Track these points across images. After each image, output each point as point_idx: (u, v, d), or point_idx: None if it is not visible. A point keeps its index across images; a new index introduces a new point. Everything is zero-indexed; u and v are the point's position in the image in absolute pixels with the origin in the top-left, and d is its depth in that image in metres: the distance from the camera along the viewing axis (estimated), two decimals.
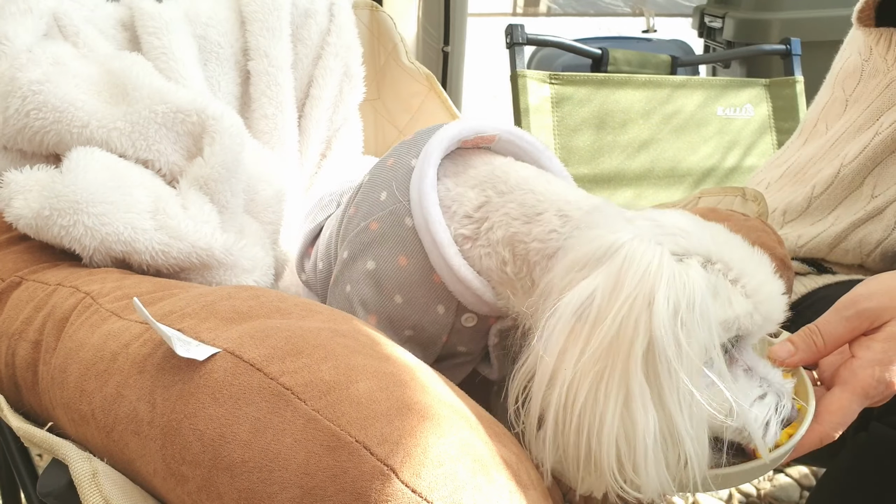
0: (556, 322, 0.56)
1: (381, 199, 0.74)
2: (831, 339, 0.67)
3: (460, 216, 0.70)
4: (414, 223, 0.71)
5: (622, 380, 0.53)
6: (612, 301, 0.54)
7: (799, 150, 1.21)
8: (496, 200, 0.70)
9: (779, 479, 1.56)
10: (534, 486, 0.54)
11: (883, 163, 1.04)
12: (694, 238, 0.58)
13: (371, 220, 0.73)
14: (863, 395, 0.63)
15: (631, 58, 1.79)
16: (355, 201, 0.77)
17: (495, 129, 0.75)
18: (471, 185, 0.72)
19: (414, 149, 0.75)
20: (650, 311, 0.53)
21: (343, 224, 0.78)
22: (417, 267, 0.71)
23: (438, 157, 0.72)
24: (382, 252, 0.72)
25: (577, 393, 0.54)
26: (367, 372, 0.53)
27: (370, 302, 0.72)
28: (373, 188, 0.75)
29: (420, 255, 0.71)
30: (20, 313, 0.73)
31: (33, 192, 0.76)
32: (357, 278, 0.73)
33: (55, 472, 0.60)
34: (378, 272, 0.72)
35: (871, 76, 1.09)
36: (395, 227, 0.72)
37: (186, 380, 0.55)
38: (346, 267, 0.74)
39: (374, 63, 1.38)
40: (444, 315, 0.72)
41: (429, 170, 0.71)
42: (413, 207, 0.71)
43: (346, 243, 0.75)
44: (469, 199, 0.71)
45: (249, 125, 1.08)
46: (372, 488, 0.47)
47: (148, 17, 0.97)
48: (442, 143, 0.72)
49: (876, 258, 1.06)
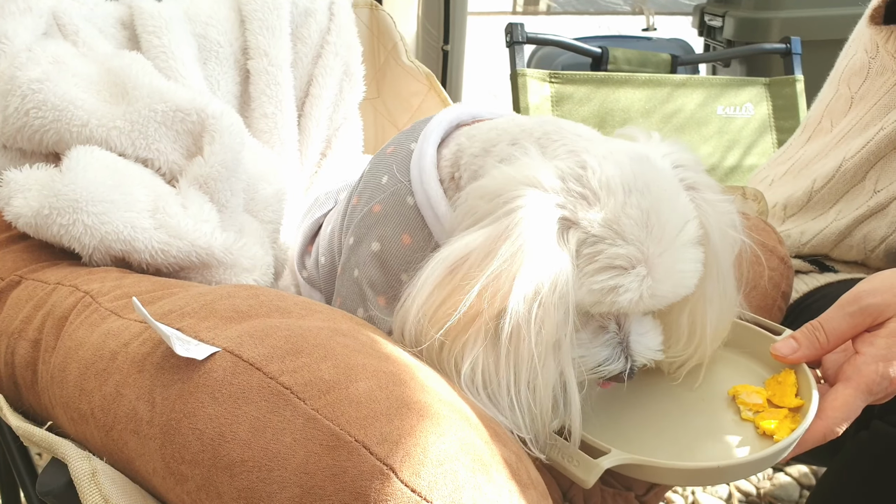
0: (432, 269, 0.60)
1: (381, 182, 0.75)
2: (834, 335, 0.67)
3: (447, 182, 0.71)
4: (416, 200, 0.71)
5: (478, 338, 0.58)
6: (482, 268, 0.57)
7: (803, 147, 1.21)
8: (465, 144, 0.71)
9: (779, 478, 1.56)
10: (534, 485, 0.54)
11: (886, 157, 1.04)
12: (597, 207, 0.59)
13: (374, 204, 0.74)
14: (866, 391, 0.63)
15: (631, 57, 1.79)
16: (357, 190, 0.78)
17: (492, 113, 0.76)
18: (448, 146, 0.73)
19: (412, 135, 0.76)
20: (510, 288, 0.56)
21: (347, 214, 0.78)
22: (421, 243, 0.72)
23: (437, 137, 0.73)
24: (386, 232, 0.73)
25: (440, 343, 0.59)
26: (367, 371, 0.53)
27: (378, 283, 0.73)
28: (374, 174, 0.76)
29: (423, 232, 0.71)
30: (19, 312, 0.73)
31: (33, 190, 0.76)
32: (364, 261, 0.74)
33: (54, 471, 0.60)
34: (383, 252, 0.73)
35: (878, 74, 1.09)
36: (398, 206, 0.72)
37: (186, 379, 0.55)
38: (352, 252, 0.75)
39: (373, 62, 1.38)
40: None
41: (428, 148, 0.72)
42: (414, 185, 0.72)
43: (352, 229, 0.76)
44: (445, 159, 0.72)
45: (249, 124, 1.08)
46: (371, 488, 0.47)
47: (147, 16, 0.96)
48: (441, 125, 0.73)
49: (880, 255, 1.06)
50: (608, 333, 0.64)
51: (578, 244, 0.59)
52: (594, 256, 0.59)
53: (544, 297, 0.57)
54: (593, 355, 0.63)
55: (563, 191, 0.60)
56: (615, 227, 0.59)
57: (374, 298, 0.73)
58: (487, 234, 0.59)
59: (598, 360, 0.63)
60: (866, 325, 0.66)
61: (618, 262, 0.59)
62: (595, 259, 0.59)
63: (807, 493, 1.52)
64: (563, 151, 0.63)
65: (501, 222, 0.58)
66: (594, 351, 0.63)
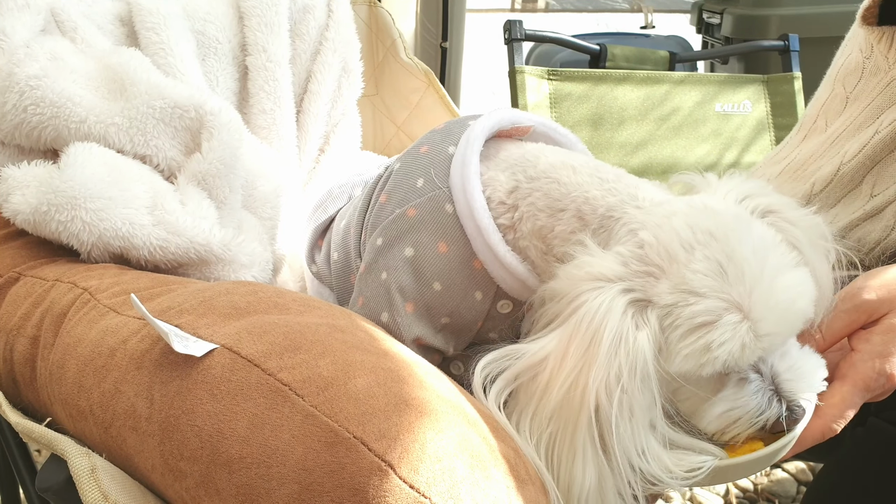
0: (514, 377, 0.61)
1: (417, 185, 0.73)
2: (830, 333, 0.67)
3: (495, 203, 0.71)
4: (455, 209, 0.71)
5: (571, 442, 0.58)
6: (560, 370, 0.58)
7: (798, 147, 1.21)
8: (525, 186, 0.70)
9: (776, 475, 1.57)
10: (532, 481, 0.54)
11: (882, 161, 1.04)
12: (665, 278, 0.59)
13: (408, 207, 0.73)
14: (864, 387, 0.64)
15: (629, 54, 1.78)
16: (386, 189, 0.76)
17: (531, 119, 0.77)
18: (502, 168, 0.72)
19: (450, 137, 0.75)
20: (586, 384, 0.57)
21: (372, 212, 0.77)
22: (458, 253, 0.71)
23: (480, 144, 0.73)
24: (422, 238, 0.72)
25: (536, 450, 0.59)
26: (366, 368, 0.53)
27: (408, 289, 0.72)
28: (407, 175, 0.75)
29: (461, 242, 0.71)
30: (18, 309, 0.73)
31: (31, 187, 0.76)
32: (395, 265, 0.73)
33: (54, 467, 0.60)
34: (417, 259, 0.72)
35: (872, 74, 1.09)
36: (435, 213, 0.72)
37: (184, 376, 0.55)
38: (380, 254, 0.74)
39: (372, 59, 1.38)
40: (481, 301, 0.72)
41: (472, 157, 0.71)
42: (455, 194, 0.71)
43: (380, 230, 0.75)
44: (501, 184, 0.71)
45: (247, 121, 1.08)
46: (370, 484, 0.47)
47: (146, 13, 0.96)
48: (484, 131, 0.73)
49: (874, 257, 1.06)
50: (752, 383, 0.62)
51: (659, 320, 0.58)
52: (675, 324, 0.58)
53: (625, 382, 0.57)
54: (742, 407, 0.61)
55: (630, 274, 0.60)
56: (684, 288, 0.58)
57: (401, 304, 0.72)
58: (560, 336, 0.59)
59: (750, 411, 0.61)
60: (862, 322, 0.66)
61: (699, 319, 0.57)
62: (676, 326, 0.58)
63: (804, 490, 1.52)
64: (624, 232, 0.63)
65: (570, 322, 0.59)
66: (741, 402, 0.62)
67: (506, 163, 0.73)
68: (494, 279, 0.71)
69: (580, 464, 0.57)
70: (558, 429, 0.58)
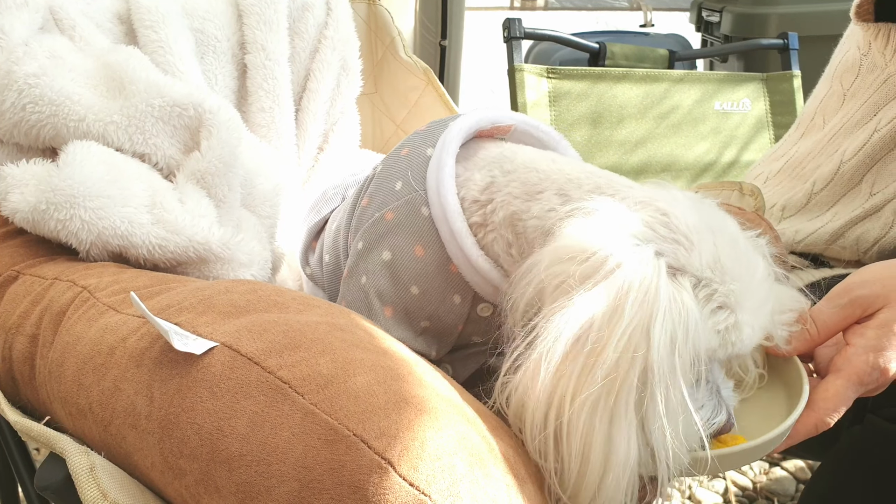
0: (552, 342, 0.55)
1: (396, 188, 0.73)
2: (825, 327, 0.67)
3: (469, 202, 0.70)
4: (431, 213, 0.70)
5: (615, 409, 0.54)
6: (612, 331, 0.54)
7: (796, 144, 1.21)
8: (500, 180, 0.69)
9: (775, 473, 1.57)
10: (531, 479, 0.55)
11: (882, 160, 1.04)
12: (695, 250, 0.58)
13: (386, 210, 0.73)
14: (857, 381, 0.64)
15: (629, 52, 1.78)
16: (368, 192, 0.76)
17: (512, 118, 0.75)
18: (479, 168, 0.72)
19: (429, 139, 0.74)
20: (648, 342, 0.54)
21: (356, 215, 0.77)
22: (434, 257, 0.71)
23: (456, 146, 0.72)
24: (398, 242, 0.71)
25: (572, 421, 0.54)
26: (365, 366, 0.53)
27: (386, 293, 0.72)
28: (387, 178, 0.75)
29: (437, 245, 0.70)
30: (17, 307, 0.73)
31: (30, 186, 0.76)
32: (373, 269, 0.72)
33: (53, 465, 0.60)
34: (394, 263, 0.71)
35: (869, 71, 1.09)
36: (411, 216, 0.71)
37: (184, 374, 0.55)
38: (360, 258, 0.74)
39: (371, 57, 1.38)
40: (459, 305, 0.72)
41: (447, 159, 0.71)
42: (430, 197, 0.70)
43: (361, 234, 0.74)
44: (475, 182, 0.71)
45: (246, 119, 1.08)
46: (370, 482, 0.47)
47: (145, 11, 0.96)
48: (460, 133, 0.72)
49: (873, 256, 1.06)
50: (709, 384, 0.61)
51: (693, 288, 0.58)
52: (710, 297, 0.58)
53: (680, 346, 0.55)
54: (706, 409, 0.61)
55: (658, 238, 0.58)
56: (719, 267, 0.58)
57: (380, 308, 0.72)
58: (605, 294, 0.55)
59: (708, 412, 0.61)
60: (856, 316, 0.66)
61: (731, 299, 0.58)
62: (711, 299, 0.58)
63: (802, 488, 1.53)
64: (632, 202, 0.62)
65: (612, 280, 0.56)
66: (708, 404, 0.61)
67: (483, 161, 0.72)
68: (469, 283, 0.71)
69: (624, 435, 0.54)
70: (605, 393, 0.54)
